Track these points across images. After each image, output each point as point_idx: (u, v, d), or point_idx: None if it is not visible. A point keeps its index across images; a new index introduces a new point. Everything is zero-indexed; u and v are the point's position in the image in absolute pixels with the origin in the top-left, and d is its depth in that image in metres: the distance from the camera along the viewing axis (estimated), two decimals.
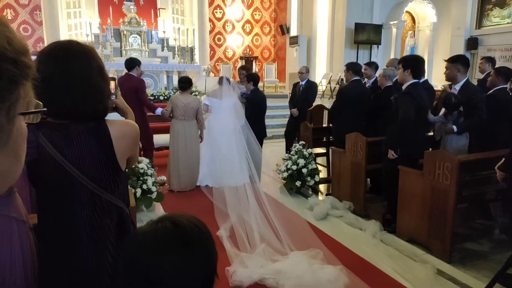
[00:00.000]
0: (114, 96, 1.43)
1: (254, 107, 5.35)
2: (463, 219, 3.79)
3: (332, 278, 2.84)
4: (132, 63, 5.36)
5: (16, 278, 0.94)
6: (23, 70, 0.39)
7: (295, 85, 6.43)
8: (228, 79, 5.43)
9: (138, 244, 0.79)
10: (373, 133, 4.34)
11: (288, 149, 5.83)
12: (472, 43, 11.23)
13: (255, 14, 15.04)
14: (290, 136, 6.20)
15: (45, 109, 0.46)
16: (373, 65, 5.58)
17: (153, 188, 4.19)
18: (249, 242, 3.45)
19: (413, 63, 3.73)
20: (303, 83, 6.26)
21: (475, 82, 6.00)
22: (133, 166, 4.13)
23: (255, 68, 12.55)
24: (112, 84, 1.44)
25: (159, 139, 5.93)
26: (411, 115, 3.58)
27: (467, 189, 3.50)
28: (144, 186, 4.13)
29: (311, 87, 6.33)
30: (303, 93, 6.21)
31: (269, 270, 2.95)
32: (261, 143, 5.50)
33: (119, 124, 1.30)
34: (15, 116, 0.38)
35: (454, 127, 3.64)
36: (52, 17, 10.69)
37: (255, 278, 2.87)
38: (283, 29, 14.08)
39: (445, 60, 3.88)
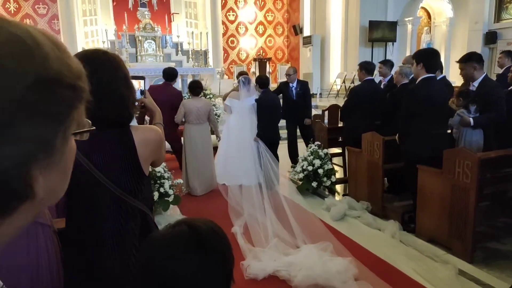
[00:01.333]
0: (143, 96, 1.46)
1: (266, 109, 5.31)
2: (485, 218, 3.68)
3: (342, 269, 2.94)
4: (173, 75, 5.21)
5: (42, 278, 0.97)
6: (79, 94, 0.41)
7: (284, 86, 6.03)
8: (245, 79, 5.45)
9: (154, 247, 0.80)
10: (389, 132, 4.27)
11: (293, 161, 5.78)
12: (491, 37, 10.95)
13: (268, 16, 15.05)
14: (295, 145, 6.13)
15: (94, 128, 0.49)
16: (388, 63, 5.51)
17: (170, 191, 4.23)
18: (263, 237, 3.57)
19: (425, 57, 3.65)
20: (295, 84, 5.94)
21: (494, 77, 5.85)
22: (151, 170, 4.17)
23: (268, 69, 12.56)
24: (139, 84, 1.47)
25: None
26: (405, 111, 3.60)
27: (488, 187, 3.41)
28: (161, 190, 4.18)
29: (308, 89, 6.10)
30: (305, 98, 6.00)
31: (281, 263, 3.08)
32: (276, 147, 5.44)
33: (143, 130, 1.33)
34: (69, 137, 0.40)
35: (471, 120, 3.55)
36: (70, 25, 10.97)
37: (269, 270, 3.01)
38: (296, 30, 14.04)
39: (458, 61, 3.79)
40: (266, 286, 2.92)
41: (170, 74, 5.31)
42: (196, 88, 5.11)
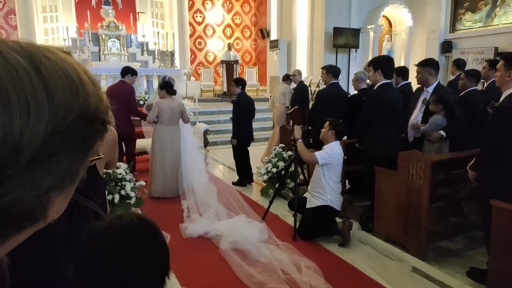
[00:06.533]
0: None
1: (239, 110, 5.44)
2: (438, 218, 3.89)
3: (257, 232, 3.68)
4: (125, 70, 5.52)
5: None
6: (106, 128, 0.43)
7: None
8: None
9: (108, 238, 0.82)
10: (350, 135, 4.41)
11: None
12: (447, 47, 11.54)
13: (236, 18, 15.08)
14: None
15: (101, 156, 0.54)
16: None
17: (132, 194, 4.14)
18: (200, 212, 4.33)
19: (383, 63, 3.83)
20: (295, 85, 6.71)
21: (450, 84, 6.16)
22: (111, 172, 4.08)
23: (236, 72, 12.57)
24: None
25: (138, 143, 5.88)
26: (367, 114, 3.79)
27: (441, 188, 3.59)
28: (123, 192, 4.08)
29: (300, 89, 6.76)
30: (294, 95, 6.69)
31: (212, 226, 3.90)
32: (247, 146, 5.59)
33: None
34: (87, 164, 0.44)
35: (443, 133, 3.70)
36: (28, 21, 10.48)
37: (201, 232, 3.84)
38: (263, 33, 14.17)
39: (416, 65, 3.99)
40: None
41: (122, 70, 5.60)
42: (171, 87, 5.04)
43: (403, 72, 4.96)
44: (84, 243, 0.82)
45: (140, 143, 5.87)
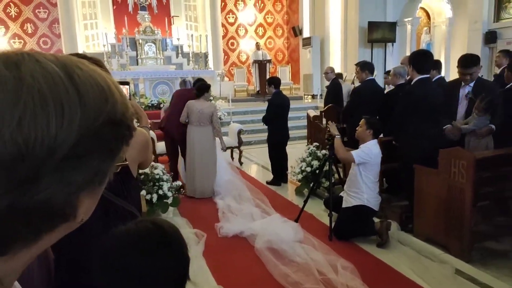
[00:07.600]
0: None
1: (274, 110, 5.48)
2: (483, 217, 3.69)
3: (291, 233, 3.70)
4: (201, 88, 5.15)
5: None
6: (131, 133, 0.46)
7: None
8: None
9: (120, 242, 0.83)
10: (386, 133, 4.28)
11: None
12: (491, 37, 10.92)
13: (268, 17, 15.07)
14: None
15: (127, 162, 0.56)
16: None
17: (169, 193, 4.25)
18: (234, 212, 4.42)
19: (414, 59, 3.68)
20: (329, 83, 6.63)
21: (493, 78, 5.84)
22: (149, 172, 4.21)
23: (268, 71, 12.56)
24: (125, 90, 1.52)
25: (161, 145, 5.99)
26: (402, 111, 3.67)
27: (485, 187, 3.41)
28: (160, 192, 4.20)
29: (333, 86, 6.64)
30: (327, 92, 6.62)
31: (247, 226, 3.96)
32: (283, 146, 5.63)
33: None
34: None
35: (493, 126, 3.54)
36: (70, 29, 11.01)
37: (236, 231, 3.89)
38: (296, 31, 14.06)
39: (461, 67, 3.75)
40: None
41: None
42: (199, 90, 5.05)
43: (437, 65, 4.75)
44: (102, 246, 0.84)
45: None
